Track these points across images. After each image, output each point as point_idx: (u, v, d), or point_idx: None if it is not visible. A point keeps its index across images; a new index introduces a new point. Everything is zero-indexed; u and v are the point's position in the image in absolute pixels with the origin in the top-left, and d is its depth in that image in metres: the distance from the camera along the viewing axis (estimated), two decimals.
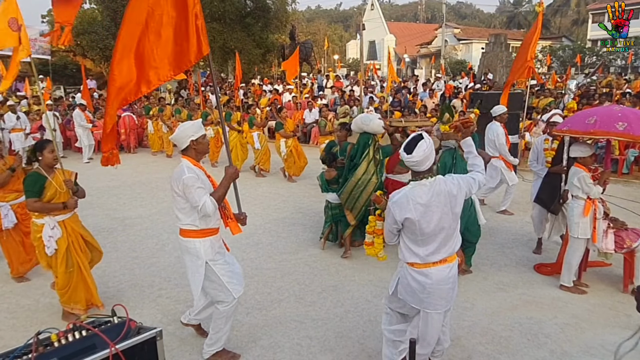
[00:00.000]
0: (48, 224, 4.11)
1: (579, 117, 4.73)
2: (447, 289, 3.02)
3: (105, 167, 3.65)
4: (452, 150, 4.96)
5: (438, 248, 2.97)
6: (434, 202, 2.87)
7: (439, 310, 3.05)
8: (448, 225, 2.93)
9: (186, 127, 3.48)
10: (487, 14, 76.84)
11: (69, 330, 2.14)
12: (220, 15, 22.93)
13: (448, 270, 3.02)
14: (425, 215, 2.88)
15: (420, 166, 2.88)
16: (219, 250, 3.56)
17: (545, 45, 36.39)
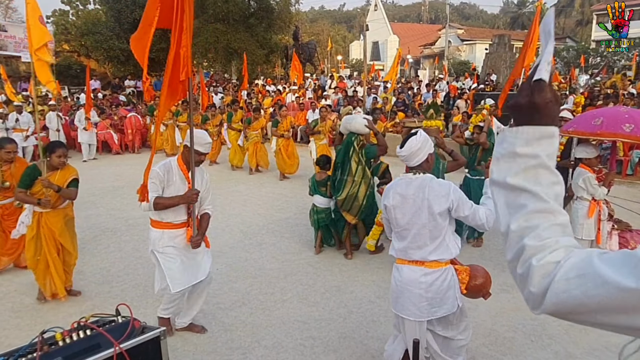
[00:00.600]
0: (27, 209, 4.54)
1: (585, 118, 4.72)
2: (416, 294, 2.91)
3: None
4: None
5: (412, 245, 2.93)
6: (413, 196, 2.88)
7: (410, 318, 2.96)
8: (422, 224, 2.86)
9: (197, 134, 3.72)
10: (490, 15, 76.68)
11: (74, 330, 2.14)
12: (224, 16, 22.99)
13: (421, 274, 2.91)
14: (401, 206, 2.92)
15: (408, 161, 2.98)
16: (172, 244, 3.75)
17: None
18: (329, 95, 18.14)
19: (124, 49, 22.88)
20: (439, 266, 2.93)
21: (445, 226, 2.89)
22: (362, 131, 5.35)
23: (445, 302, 2.93)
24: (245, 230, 6.82)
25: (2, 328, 4.25)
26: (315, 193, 5.93)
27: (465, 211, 2.83)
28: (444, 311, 2.94)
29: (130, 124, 13.59)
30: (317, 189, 5.91)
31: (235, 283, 5.12)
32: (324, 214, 5.83)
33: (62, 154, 4.39)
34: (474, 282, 3.03)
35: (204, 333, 4.09)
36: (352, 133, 5.41)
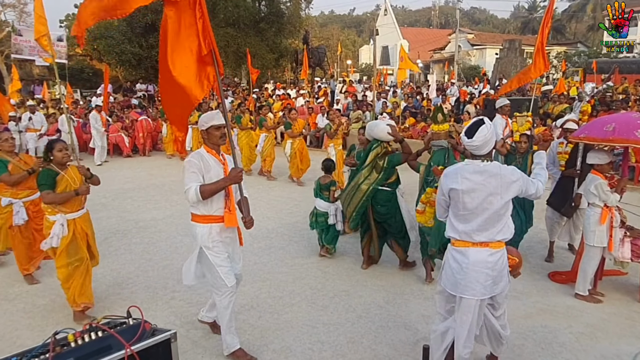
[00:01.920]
0: (59, 221, 4.22)
1: (597, 123, 4.68)
2: (484, 273, 3.03)
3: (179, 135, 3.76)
4: (444, 150, 4.94)
5: (480, 228, 3.02)
6: (483, 181, 2.98)
7: (475, 297, 3.06)
8: (494, 209, 2.99)
9: (205, 115, 3.61)
10: (501, 20, 76.41)
11: (86, 331, 2.17)
12: (235, 20, 23.12)
13: (487, 255, 3.04)
14: (471, 190, 2.99)
15: (480, 150, 3.03)
16: (221, 239, 3.58)
17: (560, 51, 36.08)
18: (339, 100, 18.18)
19: (136, 52, 23.09)
20: (501, 246, 3.10)
21: (508, 209, 3.06)
22: (384, 138, 5.23)
23: (502, 279, 3.12)
24: (254, 233, 6.83)
25: (14, 328, 4.30)
26: (317, 196, 5.93)
27: (531, 190, 3.09)
28: (500, 289, 3.13)
29: (141, 127, 13.71)
30: (319, 193, 5.91)
31: (244, 286, 5.12)
32: (322, 217, 5.83)
33: (63, 147, 4.29)
34: (515, 262, 3.30)
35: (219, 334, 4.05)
36: (375, 140, 5.31)
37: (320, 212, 5.85)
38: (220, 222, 3.56)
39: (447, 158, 4.89)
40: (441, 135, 4.95)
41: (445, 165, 4.78)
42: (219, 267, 3.55)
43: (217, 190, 3.44)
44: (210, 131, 3.55)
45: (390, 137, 5.17)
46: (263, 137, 10.41)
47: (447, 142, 4.94)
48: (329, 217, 5.80)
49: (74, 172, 4.34)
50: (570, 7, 49.12)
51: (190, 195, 3.35)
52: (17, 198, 5.14)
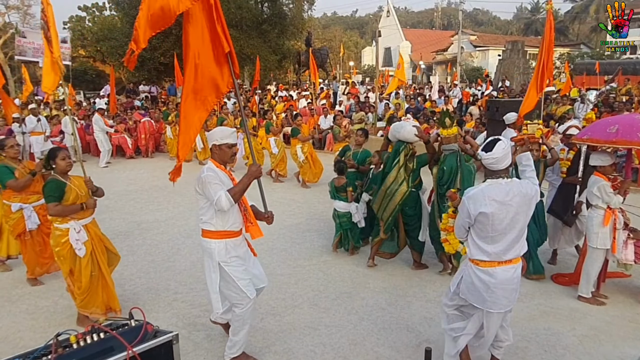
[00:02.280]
0: (74, 227, 4.12)
1: (599, 125, 4.66)
2: (511, 289, 3.15)
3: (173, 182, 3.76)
4: (456, 153, 5.01)
5: (507, 247, 3.08)
6: (510, 201, 3.00)
7: (502, 310, 3.18)
8: (520, 226, 3.06)
9: (216, 131, 3.60)
10: (504, 21, 76.34)
11: (88, 333, 2.17)
12: (237, 22, 23.18)
13: (513, 271, 3.14)
14: (499, 211, 3.00)
15: (497, 164, 3.04)
16: (236, 254, 3.55)
17: (564, 53, 36.03)
18: (342, 101, 18.19)
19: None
20: (520, 259, 3.20)
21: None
22: (411, 139, 5.23)
23: (519, 289, 3.26)
24: None
25: (17, 330, 4.31)
26: (335, 198, 5.96)
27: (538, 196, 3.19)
28: (517, 297, 3.28)
29: (144, 129, 13.75)
30: (336, 195, 5.93)
31: None
32: (345, 217, 5.88)
33: (66, 156, 4.25)
34: None
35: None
36: (401, 142, 5.28)
37: (342, 212, 5.89)
38: (235, 237, 3.54)
39: (459, 162, 4.96)
40: (451, 139, 5.01)
41: (459, 167, 4.88)
42: (240, 281, 3.50)
43: (244, 189, 3.46)
44: (223, 148, 3.53)
45: (417, 138, 5.18)
46: (273, 141, 10.35)
47: (457, 145, 5.00)
48: (353, 215, 5.84)
49: (78, 181, 4.28)
50: (574, 9, 49.03)
51: (223, 202, 3.29)
52: (27, 203, 5.15)
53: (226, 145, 3.53)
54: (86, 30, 29.32)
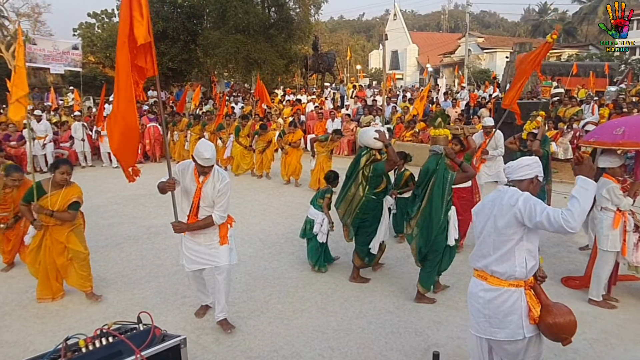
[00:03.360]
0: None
1: (606, 127, 4.63)
2: (475, 308, 2.92)
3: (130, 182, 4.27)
4: (438, 156, 4.65)
5: (477, 252, 2.99)
6: (489, 203, 2.97)
7: (471, 330, 3.02)
8: (487, 234, 2.90)
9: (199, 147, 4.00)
10: (511, 23, 76.12)
11: (96, 337, 2.19)
12: (245, 27, 23.30)
13: (480, 289, 2.90)
14: (479, 212, 3.03)
15: (511, 173, 2.98)
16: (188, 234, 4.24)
17: (572, 54, 35.78)
18: (349, 105, 18.20)
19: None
20: (500, 284, 2.83)
21: (513, 239, 2.78)
22: (372, 145, 5.05)
23: (505, 327, 2.80)
24: (264, 239, 6.85)
25: (27, 333, 4.35)
26: (311, 204, 5.85)
27: (537, 217, 2.65)
28: (504, 335, 2.81)
29: (149, 134, 13.87)
30: (314, 200, 5.82)
31: (254, 292, 5.15)
32: (309, 225, 5.72)
33: (65, 171, 4.63)
34: (550, 320, 2.78)
35: (231, 332, 4.25)
36: (365, 147, 5.15)
37: (310, 219, 5.74)
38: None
39: (438, 165, 4.59)
40: (439, 140, 4.69)
41: (437, 170, 4.56)
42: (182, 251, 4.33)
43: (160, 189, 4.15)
44: (197, 163, 4.00)
45: (379, 143, 4.98)
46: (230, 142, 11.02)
47: (441, 148, 4.65)
48: (315, 224, 5.63)
49: (60, 197, 4.65)
50: (582, 10, 48.78)
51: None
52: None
53: (198, 163, 3.98)
54: (95, 36, 29.64)
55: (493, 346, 2.96)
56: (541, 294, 2.89)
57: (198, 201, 4.05)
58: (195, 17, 25.96)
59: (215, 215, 4.08)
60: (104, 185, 10.15)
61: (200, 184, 4.05)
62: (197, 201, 4.06)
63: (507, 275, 2.80)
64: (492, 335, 2.86)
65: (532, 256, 2.82)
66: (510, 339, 2.81)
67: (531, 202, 2.71)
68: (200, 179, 4.06)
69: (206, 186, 4.05)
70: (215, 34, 23.55)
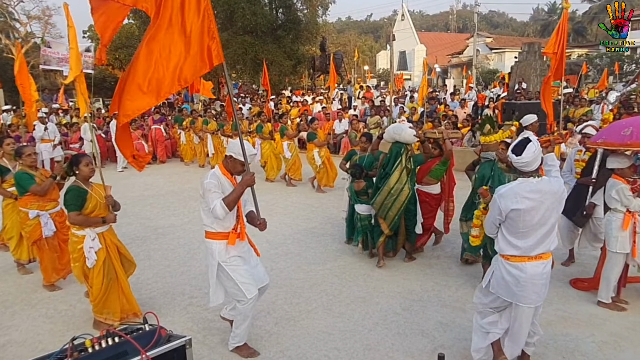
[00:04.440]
0: (89, 235, 4.21)
1: (614, 128, 4.57)
2: (540, 284, 3.26)
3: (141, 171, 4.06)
4: (491, 162, 4.89)
5: (537, 243, 3.20)
6: (540, 198, 3.14)
7: (531, 305, 3.29)
8: (551, 222, 3.19)
9: (236, 144, 3.68)
10: (520, 23, 75.65)
11: (103, 337, 2.20)
12: (252, 28, 23.41)
13: (542, 267, 3.25)
14: (531, 209, 3.14)
15: (528, 167, 3.17)
16: (236, 254, 3.76)
17: (582, 54, 35.49)
18: (356, 106, 18.18)
19: None
20: (550, 255, 3.30)
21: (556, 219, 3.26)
22: (411, 141, 5.43)
23: (548, 284, 3.37)
24: (271, 239, 6.86)
25: (36, 333, 4.39)
26: (357, 202, 5.94)
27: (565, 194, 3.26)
28: (547, 292, 3.37)
29: (151, 136, 13.99)
30: (357, 198, 5.92)
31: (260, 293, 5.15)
32: (367, 220, 5.86)
33: (89, 162, 4.33)
34: None
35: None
36: (400, 143, 5.41)
37: (364, 215, 5.86)
38: (235, 238, 3.75)
39: (493, 171, 4.82)
40: (490, 146, 4.89)
41: (492, 177, 4.77)
42: (238, 279, 3.70)
43: (237, 197, 3.61)
44: (237, 163, 3.71)
45: (416, 138, 5.40)
46: (286, 145, 10.39)
47: (494, 154, 4.88)
48: (374, 217, 5.84)
49: (99, 188, 4.36)
50: (591, 9, 48.33)
51: (217, 210, 3.50)
52: (44, 210, 5.20)
53: (240, 162, 3.69)
54: None
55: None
56: None
57: (240, 204, 3.79)
58: None
59: (252, 209, 3.92)
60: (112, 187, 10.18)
61: (235, 184, 3.76)
62: (240, 204, 3.79)
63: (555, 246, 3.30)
64: (545, 295, 3.35)
65: None
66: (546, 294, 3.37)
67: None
68: (236, 180, 3.80)
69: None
70: (223, 35, 23.64)
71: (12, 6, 34.05)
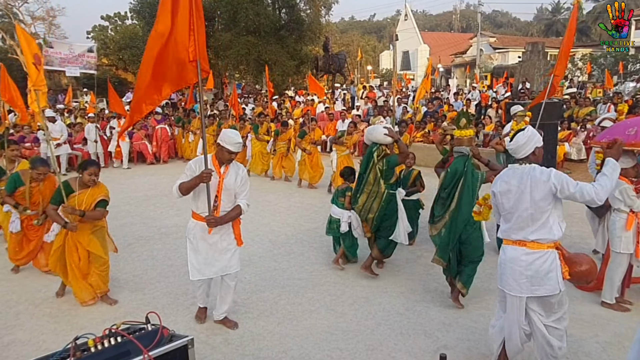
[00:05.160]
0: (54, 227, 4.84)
1: (619, 127, 4.57)
2: (517, 271, 3.25)
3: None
4: (465, 157, 4.65)
5: (514, 227, 3.29)
6: (517, 182, 3.26)
7: (511, 292, 3.31)
8: (523, 208, 3.21)
9: (226, 132, 4.04)
10: (524, 22, 75.39)
11: (105, 336, 2.21)
12: (255, 28, 23.40)
13: (522, 253, 3.25)
14: (506, 191, 3.31)
15: (516, 153, 3.33)
16: (195, 234, 4.11)
17: (586, 53, 35.34)
18: (359, 106, 18.16)
19: None
20: (540, 247, 3.23)
21: (548, 210, 3.18)
22: (382, 141, 5.29)
23: (546, 283, 3.21)
24: (274, 239, 6.87)
25: (40, 332, 4.41)
26: (333, 202, 5.89)
27: (571, 189, 3.10)
28: (545, 291, 3.22)
29: (156, 136, 14.02)
30: (335, 199, 5.87)
31: (263, 292, 5.16)
32: (335, 224, 5.76)
33: (94, 172, 4.57)
34: (578, 269, 3.31)
35: (235, 329, 4.32)
36: (374, 143, 5.37)
37: (334, 218, 5.80)
38: (202, 221, 4.03)
39: (466, 166, 4.59)
40: (463, 141, 4.69)
41: (465, 172, 4.59)
42: (189, 259, 4.17)
43: (190, 187, 3.93)
44: (223, 150, 3.98)
45: (389, 138, 5.24)
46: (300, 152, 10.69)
47: (468, 149, 4.68)
48: (341, 223, 5.66)
49: (91, 194, 4.62)
50: (595, 8, 48.12)
51: (174, 189, 3.98)
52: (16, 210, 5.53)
53: (227, 150, 3.96)
54: (109, 39, 30.00)
55: (529, 304, 3.30)
56: (563, 249, 3.33)
57: (221, 194, 4.01)
58: (207, 19, 26.04)
59: (243, 203, 4.10)
60: (116, 187, 10.22)
61: (222, 175, 4.00)
62: (220, 194, 4.00)
63: (547, 239, 3.20)
64: (532, 293, 3.24)
65: (561, 219, 3.27)
66: (550, 294, 3.22)
67: (562, 176, 3.15)
68: (222, 170, 4.01)
69: (228, 177, 4.03)
70: (227, 36, 23.69)
71: (17, 7, 34.19)
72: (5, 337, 4.33)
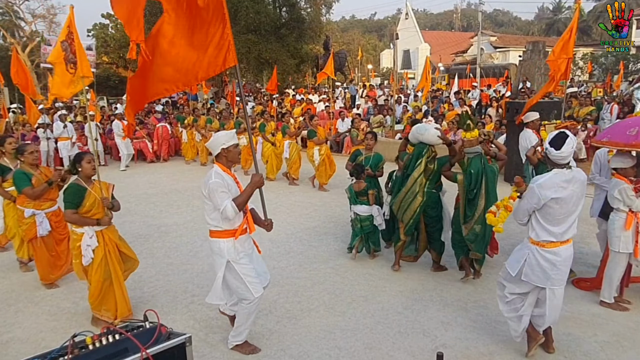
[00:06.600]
0: (87, 232, 4.22)
1: (619, 127, 4.55)
2: (568, 265, 3.62)
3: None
4: (479, 156, 5.00)
5: (568, 228, 3.51)
6: (572, 187, 3.44)
7: (562, 285, 3.61)
8: (579, 209, 3.53)
9: (220, 135, 3.79)
10: (525, 21, 75.28)
11: (103, 334, 2.21)
12: (256, 27, 23.35)
13: (571, 249, 3.61)
14: (567, 197, 3.42)
15: (565, 160, 3.43)
16: (244, 251, 3.77)
17: (586, 52, 35.30)
18: (359, 105, 18.15)
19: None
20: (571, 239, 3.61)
21: None
22: (434, 142, 5.24)
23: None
24: (273, 238, 6.87)
25: (39, 330, 4.41)
26: (356, 203, 5.90)
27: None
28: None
29: (157, 134, 14.02)
30: (357, 199, 5.89)
31: None
32: (367, 221, 5.84)
33: (91, 159, 4.34)
34: None
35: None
36: (423, 144, 5.27)
37: (364, 216, 5.83)
38: (242, 234, 3.76)
39: (484, 164, 4.97)
40: (473, 142, 4.99)
41: (484, 170, 4.92)
42: (247, 278, 3.70)
43: (248, 198, 3.66)
44: (231, 149, 3.73)
45: (440, 140, 5.18)
46: (287, 144, 10.39)
47: (480, 148, 5.02)
48: (375, 218, 5.81)
49: (103, 187, 4.37)
50: (596, 8, 48.03)
51: (228, 211, 3.52)
52: (40, 209, 5.18)
53: (232, 146, 3.74)
54: (109, 37, 29.93)
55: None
56: None
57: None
58: None
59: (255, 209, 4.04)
60: (116, 185, 10.22)
61: (237, 180, 3.83)
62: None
63: None
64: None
65: None
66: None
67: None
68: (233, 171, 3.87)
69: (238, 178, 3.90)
70: None
71: (17, 5, 34.19)
72: (4, 335, 4.34)
